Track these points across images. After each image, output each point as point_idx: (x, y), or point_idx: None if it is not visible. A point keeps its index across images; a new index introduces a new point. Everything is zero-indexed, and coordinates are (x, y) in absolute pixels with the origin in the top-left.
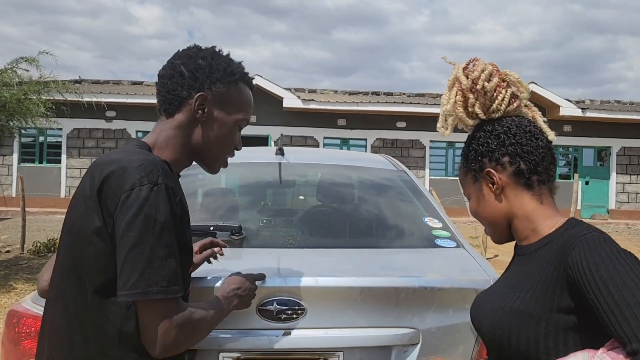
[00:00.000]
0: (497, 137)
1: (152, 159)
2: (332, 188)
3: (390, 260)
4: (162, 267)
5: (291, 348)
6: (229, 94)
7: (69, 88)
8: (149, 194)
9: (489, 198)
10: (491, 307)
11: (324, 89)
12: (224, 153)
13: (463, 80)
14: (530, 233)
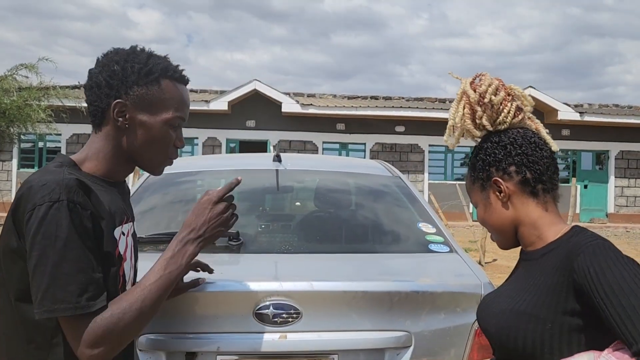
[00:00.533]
0: (503, 148)
1: (57, 178)
2: (329, 194)
3: (384, 265)
4: (69, 284)
5: (287, 351)
6: (150, 95)
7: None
8: (47, 211)
9: (496, 206)
10: (499, 309)
11: (322, 94)
12: (161, 154)
13: (471, 94)
14: (535, 239)
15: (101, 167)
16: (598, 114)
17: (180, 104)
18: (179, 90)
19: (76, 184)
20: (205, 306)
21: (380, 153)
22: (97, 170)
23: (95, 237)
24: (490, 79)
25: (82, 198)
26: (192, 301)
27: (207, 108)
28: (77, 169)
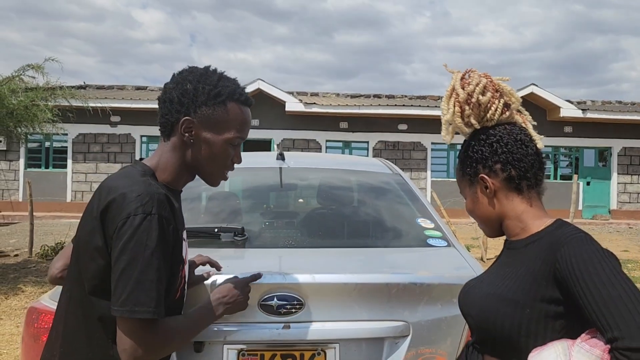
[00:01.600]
0: (490, 146)
1: (150, 190)
2: (331, 191)
3: (383, 258)
4: (151, 290)
5: (291, 340)
6: (216, 116)
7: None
8: (141, 222)
9: (483, 200)
10: (481, 293)
11: (326, 92)
12: (220, 169)
13: (460, 93)
14: (520, 231)
15: (170, 177)
16: (600, 110)
17: (242, 125)
18: (242, 113)
19: (165, 199)
20: None
21: (383, 151)
22: (166, 180)
23: (173, 247)
24: (478, 77)
25: (168, 213)
26: (200, 293)
27: None
28: (156, 179)
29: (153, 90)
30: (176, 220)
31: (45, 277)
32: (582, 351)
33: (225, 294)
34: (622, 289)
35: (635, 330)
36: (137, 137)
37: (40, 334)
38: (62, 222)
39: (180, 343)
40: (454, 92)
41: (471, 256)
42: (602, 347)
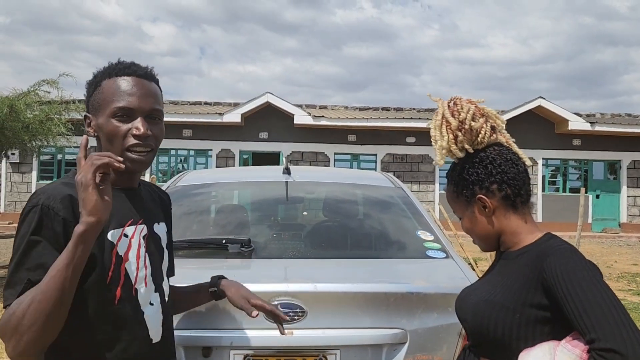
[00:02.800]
0: (485, 168)
1: (46, 188)
2: (335, 204)
3: (383, 269)
4: (13, 274)
5: (294, 346)
6: (95, 100)
7: None
8: (26, 214)
9: (481, 219)
10: (475, 300)
11: (334, 105)
12: (117, 147)
13: (452, 122)
14: (513, 244)
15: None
16: (609, 123)
17: (117, 95)
18: (117, 84)
19: (61, 194)
20: (220, 305)
21: (391, 164)
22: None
23: (66, 239)
24: (467, 105)
25: (59, 205)
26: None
27: (221, 120)
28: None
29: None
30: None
31: None
32: (564, 351)
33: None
34: (600, 296)
35: (609, 332)
36: None
37: None
38: None
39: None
40: (444, 119)
41: (468, 267)
42: (582, 348)
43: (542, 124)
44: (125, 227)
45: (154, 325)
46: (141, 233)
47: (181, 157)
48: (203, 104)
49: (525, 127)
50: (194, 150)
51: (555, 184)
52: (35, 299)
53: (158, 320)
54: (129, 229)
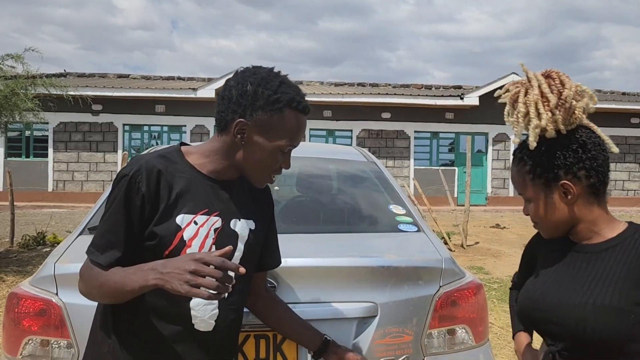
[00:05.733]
0: (574, 152)
1: (140, 158)
2: (308, 179)
3: (355, 243)
4: (100, 237)
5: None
6: (271, 122)
7: (54, 83)
8: (118, 181)
9: (559, 205)
10: (566, 301)
11: (310, 81)
12: (265, 172)
13: (552, 99)
14: (593, 235)
15: (209, 165)
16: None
17: (295, 133)
18: (298, 121)
19: (151, 167)
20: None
21: (367, 139)
22: (200, 165)
23: (143, 213)
24: (570, 81)
25: (145, 179)
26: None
27: (195, 96)
28: (181, 156)
29: (135, 79)
30: (162, 192)
31: (27, 267)
32: None
33: (166, 265)
34: None
35: None
36: (120, 126)
37: (20, 318)
38: (44, 211)
39: (104, 294)
40: (544, 96)
41: (439, 241)
42: None
43: None
44: (198, 215)
45: (202, 315)
46: (213, 225)
47: (154, 133)
48: (176, 79)
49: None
50: (168, 126)
51: None
52: (104, 286)
53: (208, 312)
54: (200, 217)
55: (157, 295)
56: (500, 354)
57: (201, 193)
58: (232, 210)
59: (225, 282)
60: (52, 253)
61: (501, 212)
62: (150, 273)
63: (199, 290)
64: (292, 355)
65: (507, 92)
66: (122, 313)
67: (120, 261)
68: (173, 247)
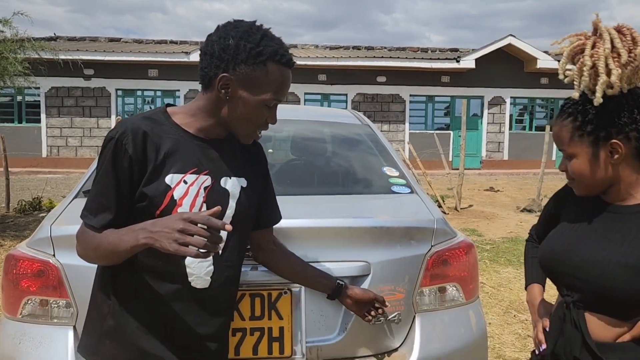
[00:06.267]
0: (630, 112)
1: (126, 120)
2: (302, 142)
3: (349, 204)
4: (92, 200)
5: (260, 281)
6: (254, 75)
7: (44, 46)
8: (105, 144)
9: (603, 164)
10: (592, 257)
11: (305, 44)
12: (253, 129)
13: (624, 55)
14: (628, 197)
15: (196, 123)
16: None
17: (280, 87)
18: (282, 74)
19: (136, 129)
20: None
21: (362, 104)
22: (187, 125)
23: (131, 174)
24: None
25: (130, 141)
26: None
27: (188, 60)
28: (167, 117)
29: (127, 42)
30: (149, 152)
31: (24, 231)
32: None
33: (156, 224)
34: None
35: None
36: (112, 91)
37: (18, 279)
38: (39, 177)
39: (100, 255)
40: (617, 52)
41: (432, 202)
42: None
43: (512, 62)
44: (187, 175)
45: (198, 272)
46: (203, 184)
47: (148, 98)
48: (169, 43)
49: (495, 66)
50: (161, 91)
51: (522, 123)
52: (99, 248)
53: (203, 269)
54: (190, 176)
55: (152, 256)
56: (491, 312)
57: (189, 152)
58: (222, 168)
59: (213, 240)
60: (47, 216)
61: (495, 176)
62: (140, 233)
63: (187, 249)
64: (286, 312)
65: (565, 44)
66: (120, 274)
67: (113, 223)
68: (164, 206)
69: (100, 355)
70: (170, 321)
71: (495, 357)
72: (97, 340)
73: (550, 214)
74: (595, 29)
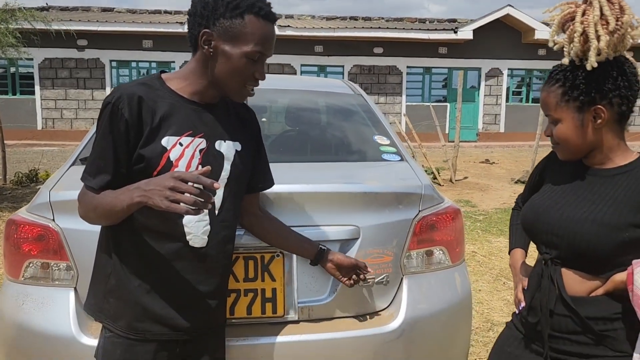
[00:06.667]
0: (614, 79)
1: (122, 86)
2: (296, 112)
3: (340, 171)
4: (91, 163)
5: (253, 244)
6: (233, 28)
7: (36, 16)
8: (103, 109)
9: (586, 129)
10: (570, 216)
11: (301, 14)
12: (240, 84)
13: (612, 23)
14: (606, 161)
15: (191, 87)
16: None
17: (261, 39)
18: (262, 26)
19: (131, 94)
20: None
21: (359, 75)
22: (181, 89)
23: (128, 137)
24: (629, 8)
25: (126, 105)
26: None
27: (183, 30)
28: (161, 83)
29: (120, 12)
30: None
31: (22, 203)
32: None
33: (149, 183)
34: None
35: None
36: (107, 62)
37: (20, 243)
38: (34, 149)
39: (99, 215)
40: (605, 17)
41: (421, 169)
42: None
43: (510, 33)
44: (182, 137)
45: (195, 231)
46: (198, 146)
47: (142, 69)
48: (163, 13)
49: (492, 37)
50: (156, 62)
51: (520, 95)
52: (98, 208)
53: (200, 228)
54: (185, 139)
55: (150, 216)
56: (482, 279)
57: (184, 116)
58: (217, 132)
59: (202, 198)
60: (46, 182)
61: (491, 148)
62: (135, 192)
63: (177, 205)
64: (278, 274)
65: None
66: (122, 235)
67: (111, 184)
68: (160, 167)
69: (104, 312)
70: (170, 280)
71: (484, 322)
72: (102, 299)
73: (535, 181)
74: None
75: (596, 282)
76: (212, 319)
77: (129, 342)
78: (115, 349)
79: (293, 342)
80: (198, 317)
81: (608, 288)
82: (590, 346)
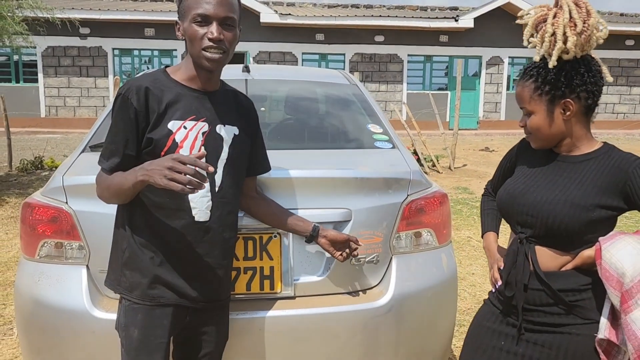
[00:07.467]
0: (582, 75)
1: (132, 79)
2: (294, 102)
3: (334, 157)
4: (105, 148)
5: (251, 225)
6: (182, 7)
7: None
8: (115, 99)
9: (557, 120)
10: (543, 198)
11: (302, 2)
12: (197, 49)
13: (579, 25)
14: (574, 149)
15: (184, 74)
16: None
17: (198, 3)
18: None
19: (140, 85)
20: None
21: (360, 64)
22: (183, 80)
23: (137, 124)
24: (594, 11)
25: (134, 95)
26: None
27: None
28: (166, 75)
29: (123, 1)
30: (153, 104)
31: (28, 189)
32: None
33: (152, 163)
34: None
35: None
36: (109, 50)
37: (35, 224)
38: (38, 137)
39: (112, 194)
40: (573, 20)
41: (411, 156)
42: None
43: (511, 21)
44: (186, 121)
45: (199, 206)
46: (201, 129)
47: (145, 57)
48: (165, 1)
49: (493, 25)
50: (158, 50)
51: None
52: (110, 187)
53: (204, 203)
54: (189, 122)
55: (158, 194)
56: (476, 263)
57: (188, 103)
58: (218, 117)
59: (197, 178)
60: (59, 168)
61: (491, 136)
62: (139, 171)
63: (174, 184)
64: (276, 253)
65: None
66: (134, 212)
67: (122, 166)
68: (167, 147)
69: (122, 285)
70: (179, 252)
71: (477, 303)
72: (119, 273)
73: (506, 168)
74: (557, 1)
75: (567, 257)
76: (217, 291)
77: (146, 307)
78: (136, 314)
79: (289, 316)
80: (204, 287)
81: (577, 263)
82: (561, 316)
